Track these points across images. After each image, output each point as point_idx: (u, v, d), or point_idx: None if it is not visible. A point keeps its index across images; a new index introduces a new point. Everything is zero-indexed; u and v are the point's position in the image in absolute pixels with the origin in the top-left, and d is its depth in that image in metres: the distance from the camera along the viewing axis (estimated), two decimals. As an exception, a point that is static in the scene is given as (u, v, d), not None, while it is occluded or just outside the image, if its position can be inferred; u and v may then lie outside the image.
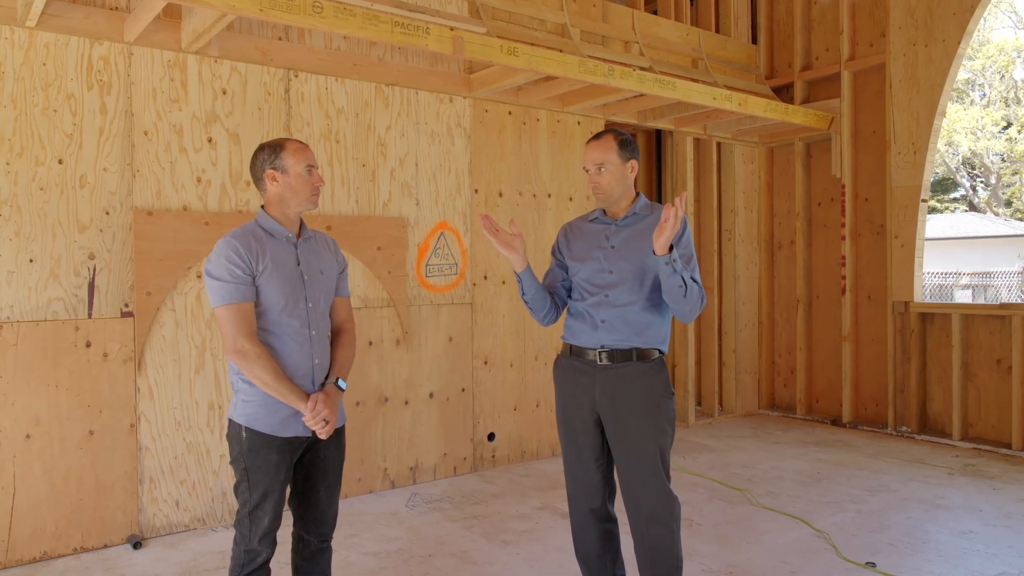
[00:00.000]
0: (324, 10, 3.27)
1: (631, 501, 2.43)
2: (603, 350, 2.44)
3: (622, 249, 2.46)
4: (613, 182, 2.45)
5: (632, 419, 2.39)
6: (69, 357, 3.32)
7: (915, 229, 5.46)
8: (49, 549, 3.27)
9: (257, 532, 2.16)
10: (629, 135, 2.53)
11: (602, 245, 2.50)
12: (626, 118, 5.43)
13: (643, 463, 2.38)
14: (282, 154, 2.21)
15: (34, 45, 3.25)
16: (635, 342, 2.43)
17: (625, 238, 2.48)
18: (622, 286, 2.43)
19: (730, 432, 5.74)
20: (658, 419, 2.40)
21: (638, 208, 2.51)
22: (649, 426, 2.38)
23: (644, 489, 2.39)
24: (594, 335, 2.45)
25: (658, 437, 2.39)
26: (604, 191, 2.47)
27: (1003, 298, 15.11)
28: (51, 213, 3.29)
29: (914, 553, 3.31)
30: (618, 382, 2.41)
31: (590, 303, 2.48)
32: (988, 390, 5.22)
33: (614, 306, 2.43)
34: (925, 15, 5.40)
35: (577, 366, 2.50)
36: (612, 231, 2.51)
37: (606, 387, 2.42)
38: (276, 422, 2.16)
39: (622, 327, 2.42)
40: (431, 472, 4.46)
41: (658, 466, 2.39)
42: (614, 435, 2.43)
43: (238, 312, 2.10)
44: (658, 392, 2.42)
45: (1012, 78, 21.49)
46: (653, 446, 2.38)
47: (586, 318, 2.48)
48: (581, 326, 2.50)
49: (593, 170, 2.47)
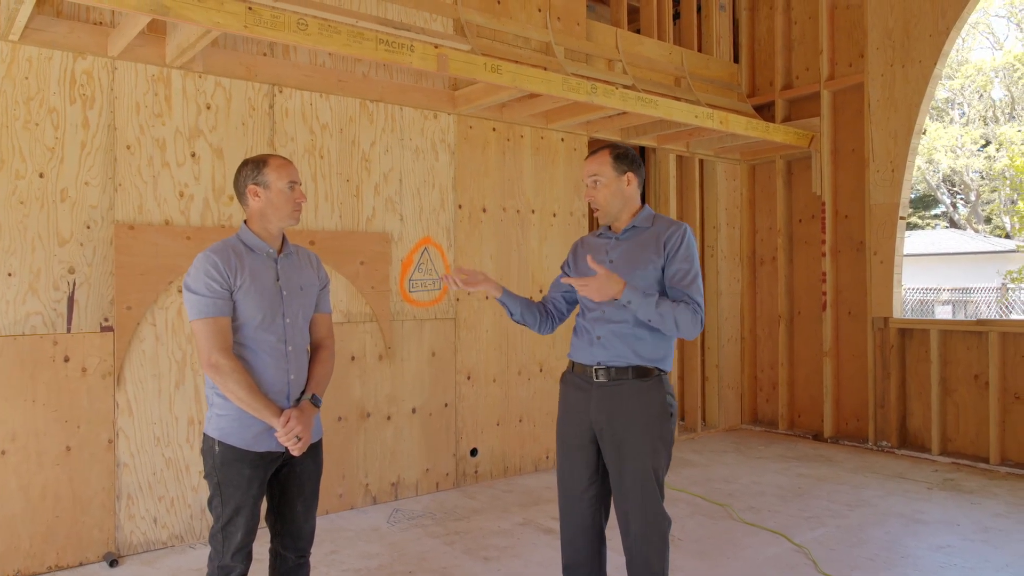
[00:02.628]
0: (309, 27, 3.29)
1: (622, 518, 2.41)
2: (600, 367, 2.42)
3: (619, 263, 2.45)
4: (608, 195, 2.45)
5: (625, 437, 2.37)
6: (47, 372, 3.29)
7: (894, 246, 5.54)
8: (23, 567, 3.23)
9: (230, 547, 2.15)
10: (628, 149, 2.51)
11: (601, 260, 2.49)
12: (609, 135, 5.48)
13: (635, 482, 2.36)
14: (264, 170, 2.22)
15: (16, 59, 3.25)
16: (632, 359, 2.40)
17: (623, 252, 2.47)
18: (617, 301, 2.40)
19: (712, 447, 5.76)
20: (651, 438, 2.37)
21: (638, 220, 2.49)
22: (642, 445, 2.36)
23: (635, 508, 2.37)
24: (591, 351, 2.45)
25: (651, 456, 2.37)
26: (600, 204, 2.47)
27: (982, 313, 15.30)
28: (31, 227, 3.28)
29: (892, 568, 3.33)
30: (614, 400, 2.39)
31: (589, 319, 2.47)
32: (966, 405, 5.28)
33: (610, 322, 2.41)
34: (902, 36, 5.51)
35: (576, 382, 2.50)
36: (612, 245, 2.51)
37: (602, 404, 2.41)
38: (250, 437, 2.15)
39: (617, 344, 2.40)
40: (413, 488, 4.44)
41: (650, 485, 2.36)
42: (608, 452, 2.41)
43: (214, 326, 2.10)
44: (653, 411, 2.38)
45: (990, 97, 21.90)
46: (645, 465, 2.36)
47: (583, 335, 2.49)
48: (580, 342, 2.50)
49: (589, 183, 2.47)
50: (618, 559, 2.74)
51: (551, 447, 5.09)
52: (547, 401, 5.07)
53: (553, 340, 5.11)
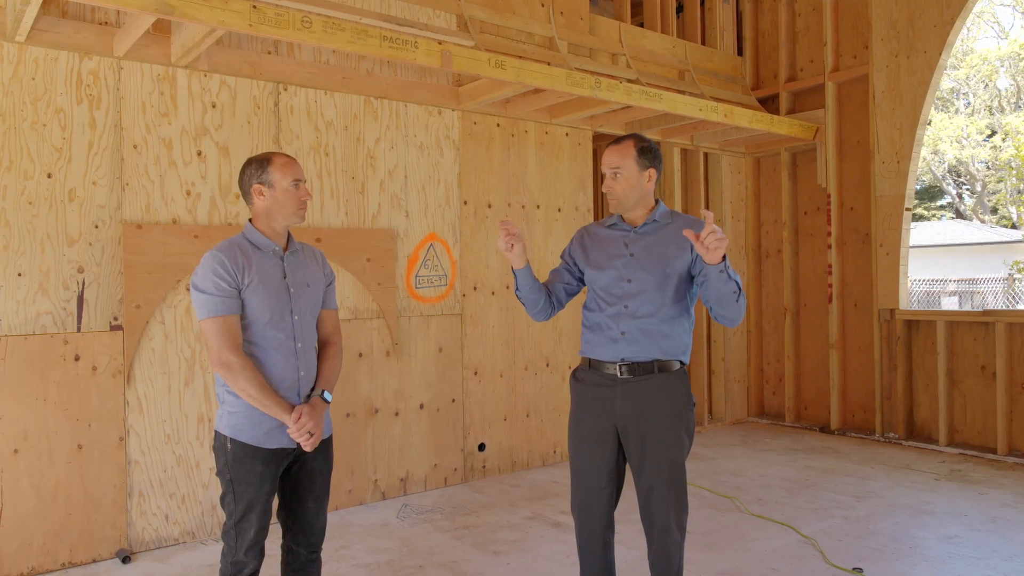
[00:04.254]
0: (313, 25, 3.30)
1: (647, 511, 2.40)
2: (623, 363, 2.37)
3: (641, 257, 2.40)
4: (628, 189, 2.39)
5: (653, 431, 2.35)
6: (58, 371, 3.32)
7: (900, 237, 5.52)
8: (37, 564, 3.26)
9: (243, 543, 2.17)
10: (652, 143, 2.44)
11: (620, 253, 2.43)
12: (614, 129, 5.48)
13: (661, 475, 2.35)
14: (269, 168, 2.23)
15: (23, 60, 3.26)
16: (656, 354, 2.36)
17: (645, 246, 2.41)
18: (642, 296, 2.37)
19: (719, 440, 5.77)
20: (678, 431, 2.36)
21: (658, 216, 2.44)
22: (669, 438, 2.35)
23: (661, 500, 2.36)
24: (613, 348, 2.39)
25: (677, 449, 2.36)
26: (617, 197, 2.40)
27: (989, 304, 15.24)
28: (40, 227, 3.30)
29: (900, 558, 3.34)
30: (639, 395, 2.36)
31: (608, 314, 2.41)
32: (973, 396, 5.28)
33: (634, 317, 2.37)
34: (907, 27, 5.49)
35: (597, 379, 2.43)
36: (631, 238, 2.44)
37: (627, 400, 2.37)
38: (261, 433, 2.17)
39: (642, 339, 2.36)
40: (421, 483, 4.46)
41: (676, 477, 2.36)
42: (633, 447, 2.38)
43: (223, 325, 2.12)
44: (679, 404, 2.37)
45: (995, 87, 21.77)
46: (672, 458, 2.35)
47: (604, 330, 2.41)
48: (599, 339, 2.43)
49: (609, 174, 2.40)
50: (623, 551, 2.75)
51: (558, 442, 5.11)
52: (554, 396, 5.08)
53: (559, 335, 5.12)
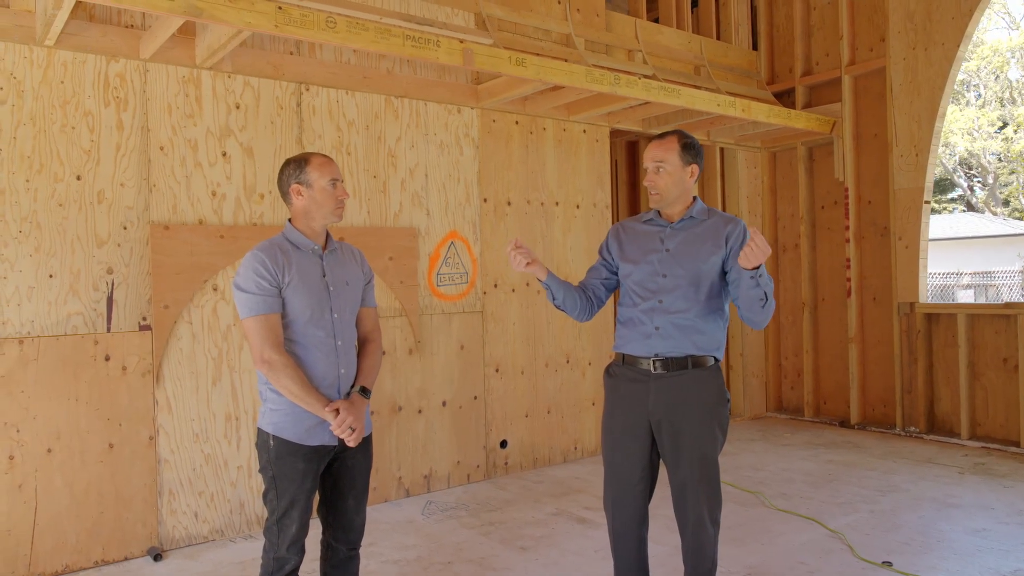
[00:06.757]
0: (337, 25, 3.32)
1: (680, 505, 2.41)
2: (657, 359, 2.38)
3: (677, 253, 2.41)
4: (670, 183, 2.40)
5: (687, 427, 2.36)
6: (89, 371, 3.35)
7: (919, 230, 5.50)
8: (71, 562, 3.30)
9: (285, 540, 2.20)
10: (695, 139, 2.46)
11: (656, 248, 2.45)
12: (630, 125, 5.48)
13: (695, 469, 2.37)
14: (307, 168, 2.25)
15: (52, 63, 3.29)
16: (690, 349, 2.37)
17: (680, 242, 2.43)
18: (676, 292, 2.38)
19: (739, 435, 5.77)
20: (712, 426, 2.38)
21: (695, 212, 2.45)
22: (704, 433, 2.37)
23: (695, 494, 2.37)
24: (647, 343, 2.40)
25: (711, 444, 2.38)
26: (660, 191, 2.41)
27: (1004, 297, 15.16)
28: (70, 229, 3.33)
29: (929, 551, 3.34)
30: (673, 391, 2.37)
31: (643, 308, 2.42)
32: (995, 389, 5.26)
33: (668, 312, 2.37)
34: (924, 19, 5.46)
35: (630, 375, 2.45)
36: (667, 234, 2.46)
37: (661, 395, 2.38)
38: (303, 431, 2.19)
39: (676, 334, 2.37)
40: (445, 480, 4.48)
41: (710, 472, 2.38)
42: (668, 442, 2.39)
43: (265, 323, 2.14)
44: (713, 399, 2.39)
45: (1007, 78, 21.60)
46: (706, 452, 2.37)
47: (638, 325, 2.42)
48: (633, 334, 2.44)
49: (652, 168, 2.41)
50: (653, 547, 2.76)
51: (580, 438, 5.12)
52: (575, 392, 5.10)
53: (579, 332, 5.13)
